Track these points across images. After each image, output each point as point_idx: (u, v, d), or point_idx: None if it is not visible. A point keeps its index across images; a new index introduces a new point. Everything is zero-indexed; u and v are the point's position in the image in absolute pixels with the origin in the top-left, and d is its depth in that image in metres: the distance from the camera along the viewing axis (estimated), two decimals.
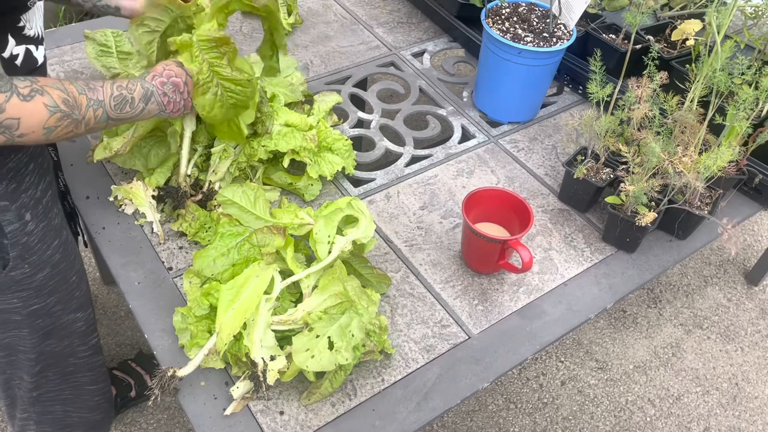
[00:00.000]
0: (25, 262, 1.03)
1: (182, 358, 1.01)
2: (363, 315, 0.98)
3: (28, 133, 0.87)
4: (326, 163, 1.28)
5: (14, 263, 1.02)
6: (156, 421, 1.76)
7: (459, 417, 1.85)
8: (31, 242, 1.03)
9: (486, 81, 1.48)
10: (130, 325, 1.94)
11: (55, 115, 0.88)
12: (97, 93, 0.96)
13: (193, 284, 1.06)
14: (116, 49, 1.37)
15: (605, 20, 1.62)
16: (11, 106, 0.84)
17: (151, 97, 1.03)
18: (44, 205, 1.05)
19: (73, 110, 0.91)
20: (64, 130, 0.91)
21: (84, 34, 1.38)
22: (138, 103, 1.01)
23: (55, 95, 0.89)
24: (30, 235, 1.03)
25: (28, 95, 0.86)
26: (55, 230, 1.09)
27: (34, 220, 1.03)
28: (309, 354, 0.93)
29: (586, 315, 1.15)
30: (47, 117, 0.88)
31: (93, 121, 0.95)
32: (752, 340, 2.15)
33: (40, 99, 0.87)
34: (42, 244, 1.05)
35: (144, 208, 1.18)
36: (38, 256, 1.05)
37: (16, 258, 1.02)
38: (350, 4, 1.82)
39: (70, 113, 0.90)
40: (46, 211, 1.06)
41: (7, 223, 0.99)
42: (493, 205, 1.18)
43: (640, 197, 1.16)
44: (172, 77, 1.06)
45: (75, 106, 0.91)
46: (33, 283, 1.07)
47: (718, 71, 1.18)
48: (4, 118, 0.83)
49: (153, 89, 1.03)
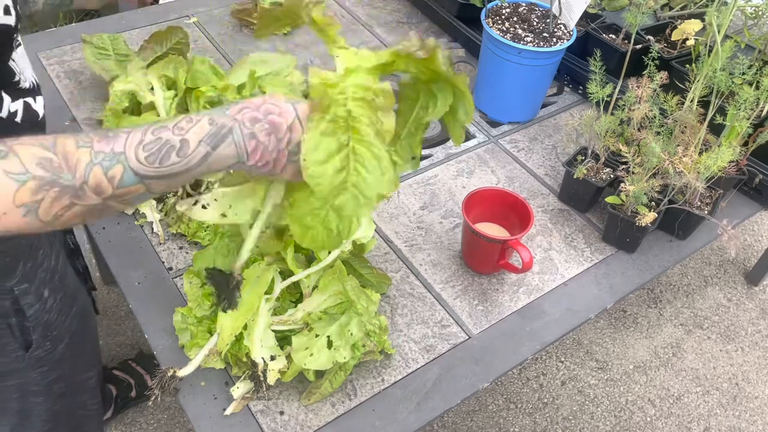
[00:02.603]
0: (46, 339, 0.97)
1: (182, 358, 1.01)
2: (362, 314, 0.98)
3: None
4: None
5: (37, 344, 0.96)
6: (156, 421, 1.76)
7: (459, 417, 1.85)
8: (51, 318, 0.97)
9: (486, 81, 1.48)
10: (130, 325, 1.94)
11: (25, 186, 0.59)
12: (115, 143, 0.64)
13: (194, 284, 1.06)
14: (114, 52, 1.37)
15: (605, 20, 1.62)
16: None
17: (227, 137, 0.67)
18: (60, 274, 0.98)
19: (59, 174, 0.61)
20: (57, 205, 0.62)
21: (81, 38, 1.38)
22: (196, 148, 0.66)
23: (25, 156, 0.60)
24: (50, 311, 0.96)
25: None
26: (72, 297, 1.03)
27: (51, 294, 0.96)
28: (308, 353, 0.93)
29: (586, 315, 1.15)
30: (14, 190, 0.59)
31: (110, 187, 0.63)
32: (752, 340, 2.15)
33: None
34: (60, 315, 0.99)
35: (144, 208, 1.18)
36: (58, 330, 1.00)
37: (39, 338, 0.96)
38: (350, 4, 1.82)
39: (53, 179, 0.61)
40: (62, 279, 0.99)
41: (28, 306, 0.92)
42: (493, 205, 1.18)
43: (640, 197, 1.16)
44: (271, 114, 0.70)
45: (62, 167, 0.61)
46: (53, 357, 1.01)
47: (719, 71, 1.18)
48: None
49: (234, 125, 0.68)
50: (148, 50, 1.38)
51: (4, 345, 0.93)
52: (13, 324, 0.91)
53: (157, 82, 1.29)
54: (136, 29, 1.62)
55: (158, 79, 1.29)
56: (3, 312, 0.90)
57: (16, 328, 0.92)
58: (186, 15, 1.70)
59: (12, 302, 0.90)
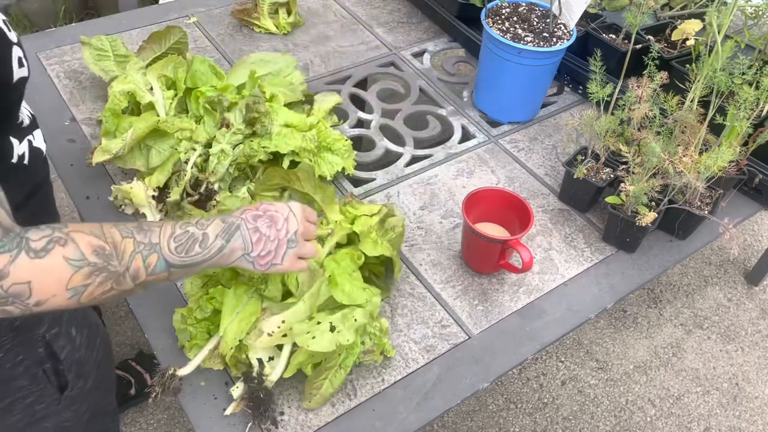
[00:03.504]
0: (79, 378, 0.98)
1: (182, 358, 1.01)
2: (365, 306, 0.98)
3: (46, 299, 0.68)
4: (326, 164, 1.27)
5: (72, 384, 0.96)
6: (156, 421, 1.76)
7: (459, 417, 1.85)
8: (81, 356, 0.97)
9: (486, 81, 1.48)
10: (130, 325, 1.94)
11: (81, 272, 0.68)
12: (151, 235, 0.75)
13: (194, 285, 1.06)
14: (113, 53, 1.37)
15: (605, 20, 1.62)
16: (18, 269, 0.65)
17: (236, 231, 0.81)
18: (81, 309, 0.94)
19: (110, 261, 0.70)
20: (99, 289, 0.70)
21: (80, 40, 1.38)
22: (214, 240, 0.79)
23: (83, 243, 0.69)
24: (79, 349, 0.97)
25: (42, 249, 0.66)
26: (95, 328, 1.03)
27: (78, 332, 0.96)
28: (310, 336, 0.93)
29: (587, 315, 1.15)
30: (69, 275, 0.68)
31: (144, 274, 0.74)
32: (752, 340, 2.15)
33: (59, 252, 0.67)
34: (88, 350, 0.99)
35: (144, 208, 1.18)
36: (88, 365, 1.00)
37: (73, 378, 0.97)
38: (350, 4, 1.81)
39: (104, 265, 0.70)
40: (84, 312, 0.99)
41: (60, 349, 0.92)
42: (493, 205, 1.18)
43: (641, 197, 1.15)
44: (269, 211, 0.85)
45: (112, 255, 0.71)
46: (84, 392, 1.01)
47: (719, 71, 1.18)
48: (10, 285, 0.65)
49: (240, 222, 0.82)
50: (147, 50, 1.38)
51: (41, 391, 0.93)
52: (48, 369, 0.92)
53: (156, 82, 1.29)
54: (136, 29, 1.62)
55: (157, 79, 1.29)
56: (37, 360, 0.91)
57: (50, 372, 0.93)
58: (186, 15, 1.69)
59: (45, 348, 0.91)
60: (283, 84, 1.36)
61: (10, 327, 0.86)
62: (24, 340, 0.88)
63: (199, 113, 1.25)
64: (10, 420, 0.93)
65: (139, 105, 1.28)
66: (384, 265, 1.13)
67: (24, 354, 0.88)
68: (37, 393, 0.93)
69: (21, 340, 0.87)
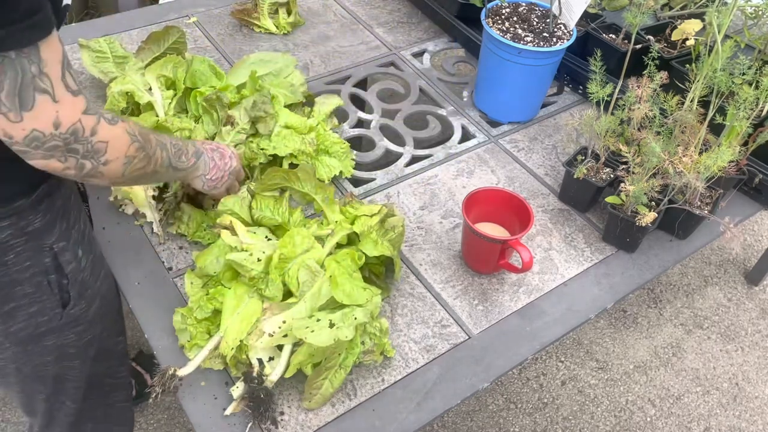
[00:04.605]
0: (82, 298, 1.02)
1: (182, 358, 1.01)
2: (366, 305, 0.98)
3: (112, 160, 0.82)
4: (323, 167, 1.27)
5: (74, 302, 1.00)
6: (156, 421, 1.76)
7: (459, 417, 1.85)
8: (85, 278, 1.01)
9: (486, 81, 1.48)
10: (130, 325, 1.93)
11: (134, 144, 0.85)
12: (163, 137, 0.93)
13: (195, 285, 1.06)
14: (112, 54, 1.37)
15: (605, 20, 1.62)
16: (102, 129, 0.79)
17: (202, 156, 1.04)
18: (88, 237, 1.03)
19: (147, 144, 0.88)
20: (138, 165, 0.87)
21: (78, 43, 1.38)
22: (191, 156, 1.01)
23: (130, 124, 0.85)
24: (84, 270, 1.01)
25: (112, 119, 0.81)
26: (100, 260, 1.07)
27: (84, 254, 1.01)
28: (309, 330, 0.93)
29: (587, 315, 1.15)
30: (128, 144, 0.84)
31: (159, 162, 0.92)
32: (752, 340, 2.15)
33: (123, 125, 0.83)
34: (92, 276, 1.03)
35: (144, 208, 1.18)
36: (91, 290, 1.04)
37: (76, 296, 1.00)
38: (350, 4, 1.82)
39: (144, 145, 0.87)
40: (90, 241, 1.04)
41: (66, 263, 0.97)
42: (493, 205, 1.18)
43: (641, 197, 1.16)
44: (220, 148, 1.10)
45: (147, 141, 0.88)
46: (87, 317, 1.05)
47: (719, 71, 1.18)
48: (96, 141, 0.79)
49: (203, 150, 1.05)
50: (146, 51, 1.38)
51: (43, 302, 0.97)
52: (52, 281, 0.96)
53: (155, 82, 1.29)
54: (136, 29, 1.62)
55: (156, 79, 1.29)
56: (44, 269, 0.94)
57: (54, 285, 0.97)
58: (186, 15, 1.70)
59: (52, 259, 0.95)
60: (284, 85, 1.36)
61: (23, 231, 0.90)
62: (34, 246, 0.92)
63: (199, 113, 1.25)
64: (14, 327, 0.97)
65: (138, 105, 1.28)
66: (384, 265, 1.13)
67: (32, 261, 0.93)
68: (39, 304, 0.97)
69: (32, 245, 0.92)
